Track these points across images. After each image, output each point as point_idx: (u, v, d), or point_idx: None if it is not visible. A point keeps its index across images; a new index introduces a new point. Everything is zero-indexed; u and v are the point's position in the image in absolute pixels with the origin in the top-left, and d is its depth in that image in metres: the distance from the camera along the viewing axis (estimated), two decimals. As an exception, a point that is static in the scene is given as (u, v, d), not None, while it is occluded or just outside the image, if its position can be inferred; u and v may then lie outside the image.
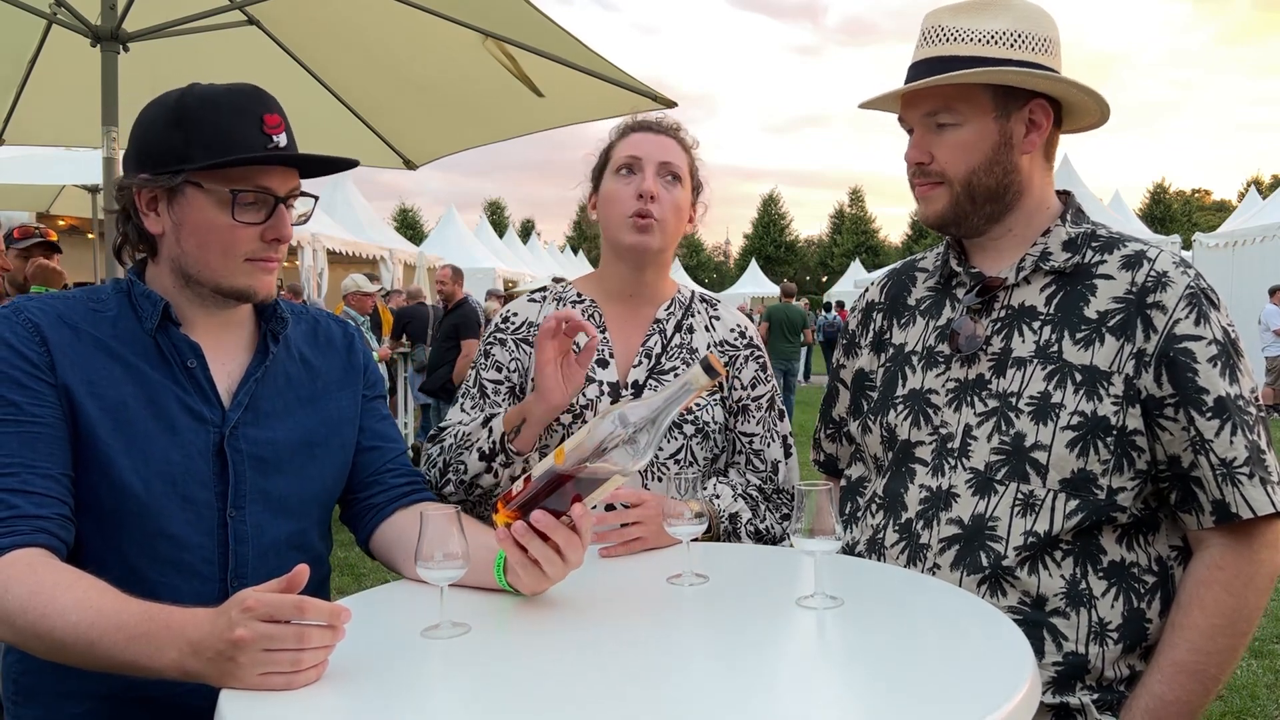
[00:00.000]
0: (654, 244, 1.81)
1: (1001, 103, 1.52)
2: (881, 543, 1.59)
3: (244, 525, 1.41)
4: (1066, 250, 1.55)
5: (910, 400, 1.61)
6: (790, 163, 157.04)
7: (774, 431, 1.90)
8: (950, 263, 1.66)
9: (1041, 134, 1.55)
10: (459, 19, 3.48)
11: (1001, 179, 1.54)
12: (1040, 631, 1.45)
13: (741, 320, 1.98)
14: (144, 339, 1.39)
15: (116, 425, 1.33)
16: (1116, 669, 1.46)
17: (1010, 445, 1.49)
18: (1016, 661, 1.10)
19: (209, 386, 1.42)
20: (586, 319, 1.87)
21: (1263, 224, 14.16)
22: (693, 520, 1.43)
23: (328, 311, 1.68)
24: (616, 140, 1.90)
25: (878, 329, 1.76)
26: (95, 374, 1.34)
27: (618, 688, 1.09)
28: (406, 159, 4.49)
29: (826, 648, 1.22)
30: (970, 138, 1.52)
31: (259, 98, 1.41)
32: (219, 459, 1.40)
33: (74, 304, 1.40)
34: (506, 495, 1.35)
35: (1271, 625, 4.66)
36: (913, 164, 1.58)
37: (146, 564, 1.35)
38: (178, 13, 3.51)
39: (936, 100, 1.53)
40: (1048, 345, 1.50)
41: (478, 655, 1.18)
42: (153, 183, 1.37)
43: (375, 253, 15.18)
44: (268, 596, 1.07)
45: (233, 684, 1.06)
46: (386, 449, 1.61)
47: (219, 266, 1.39)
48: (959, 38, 1.51)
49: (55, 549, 1.25)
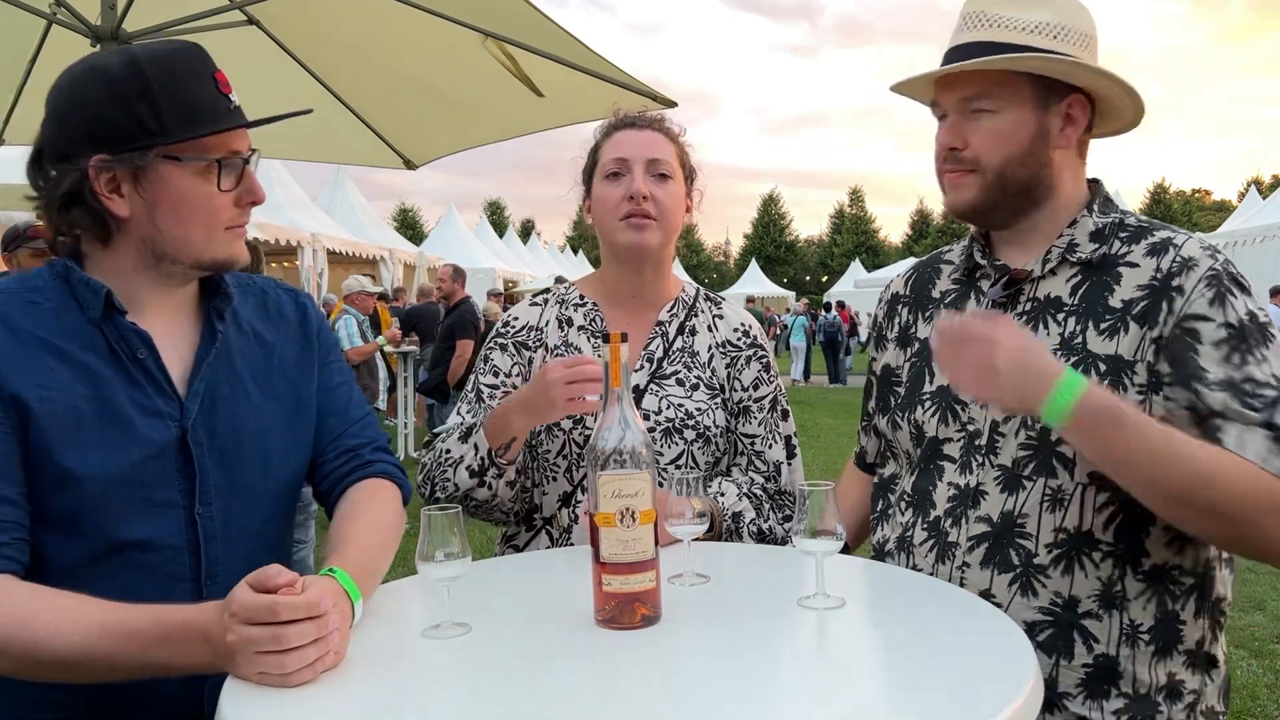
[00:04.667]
0: (652, 241, 1.80)
1: (1042, 94, 1.48)
2: (910, 541, 1.57)
3: (212, 522, 1.35)
4: (1093, 241, 1.51)
5: (938, 397, 1.58)
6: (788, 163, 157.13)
7: (776, 432, 1.89)
8: (974, 255, 1.63)
9: (1077, 130, 1.51)
10: (459, 19, 3.47)
11: (1035, 171, 1.50)
12: (1070, 633, 1.42)
13: (746, 319, 1.96)
14: (89, 330, 1.30)
15: (69, 431, 1.25)
16: (1153, 674, 1.42)
17: (1037, 440, 1.45)
18: (1019, 663, 1.10)
19: (162, 377, 1.33)
20: (588, 322, 1.87)
21: (1263, 224, 14.17)
22: (693, 520, 1.43)
23: (274, 280, 1.60)
24: (601, 141, 1.87)
25: (903, 323, 1.73)
26: (43, 378, 1.25)
27: (618, 688, 1.09)
28: (406, 159, 4.48)
29: (827, 648, 1.22)
30: (1008, 126, 1.48)
31: (203, 56, 1.34)
32: (182, 454, 1.33)
33: (10, 298, 1.29)
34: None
35: (1272, 625, 4.66)
36: (945, 149, 1.53)
37: (119, 572, 1.28)
38: (178, 13, 3.51)
39: (976, 85, 1.49)
40: (1072, 337, 1.46)
41: (478, 655, 1.18)
42: (116, 163, 1.27)
43: (375, 253, 15.18)
44: (249, 599, 1.08)
45: (242, 678, 1.09)
46: (331, 425, 1.52)
47: (200, 240, 1.33)
48: (1002, 24, 1.47)
49: (15, 572, 1.21)
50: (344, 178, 17.13)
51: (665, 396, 1.80)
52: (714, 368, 1.87)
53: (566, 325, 1.88)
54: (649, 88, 3.64)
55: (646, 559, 1.23)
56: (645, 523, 1.23)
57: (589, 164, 1.89)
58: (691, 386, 1.83)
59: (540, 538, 1.82)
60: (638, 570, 1.22)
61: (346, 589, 1.20)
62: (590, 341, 1.86)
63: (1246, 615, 4.77)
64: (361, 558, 1.29)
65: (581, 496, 1.78)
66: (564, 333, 1.87)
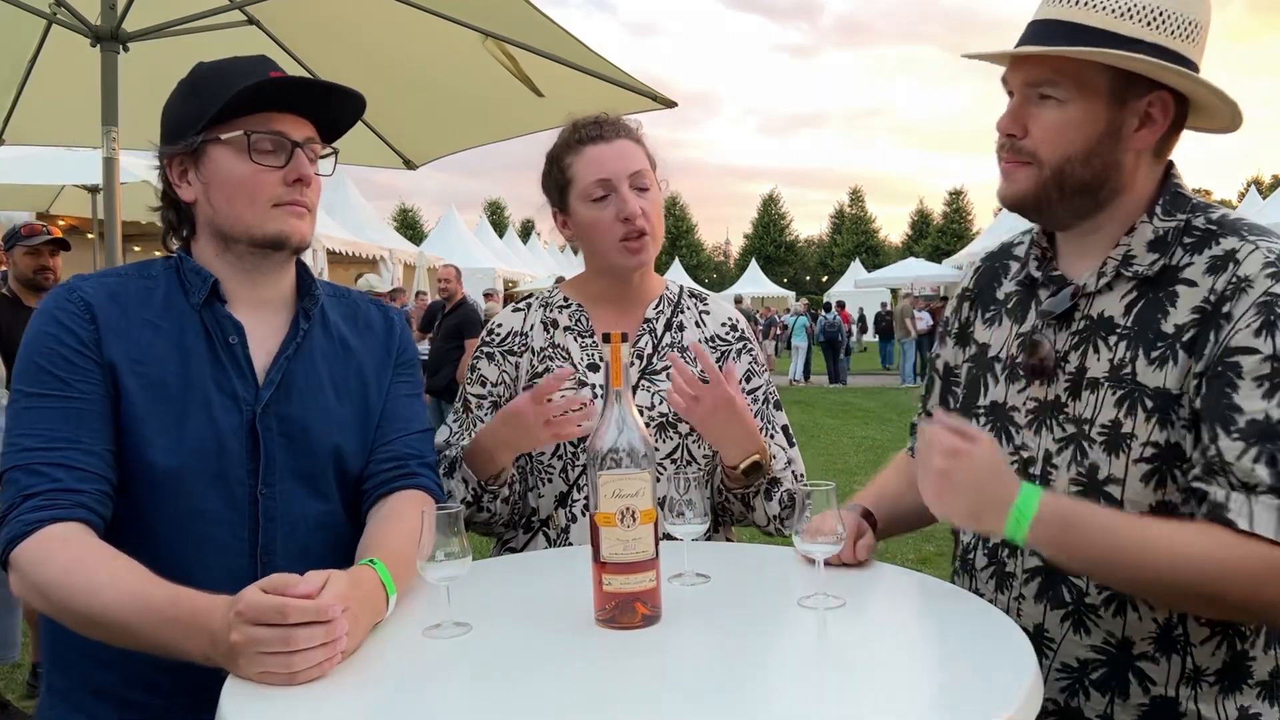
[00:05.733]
0: (649, 258, 1.82)
1: (1119, 88, 1.31)
2: (972, 564, 1.51)
3: (274, 502, 1.42)
4: (1153, 250, 1.34)
5: (992, 413, 1.49)
6: (788, 163, 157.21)
7: (773, 424, 1.89)
8: (1030, 265, 1.49)
9: (1156, 131, 1.34)
10: (459, 19, 3.47)
11: (1099, 172, 1.35)
12: (1125, 673, 1.34)
13: (732, 313, 1.97)
14: (190, 314, 1.43)
15: (154, 402, 1.36)
16: (1221, 710, 1.31)
17: (1085, 477, 1.35)
18: (1019, 664, 1.10)
19: (246, 364, 1.43)
20: (574, 323, 1.87)
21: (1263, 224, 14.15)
22: (693, 520, 1.43)
23: (368, 296, 1.69)
24: (571, 158, 1.80)
25: (964, 320, 1.62)
26: (140, 352, 1.38)
27: (619, 687, 1.09)
28: (406, 159, 4.49)
29: (827, 649, 1.22)
30: (1074, 119, 1.33)
31: (265, 61, 1.46)
32: (251, 436, 1.41)
33: (126, 281, 1.44)
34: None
35: (1272, 625, 4.64)
36: (1004, 134, 1.39)
37: (178, 540, 1.36)
38: (178, 13, 3.51)
39: (1045, 69, 1.33)
40: (1121, 365, 1.33)
41: (478, 655, 1.18)
42: (175, 150, 1.43)
43: (375, 253, 15.19)
44: (258, 600, 1.09)
45: (242, 676, 1.10)
46: (388, 429, 1.56)
47: (248, 215, 1.42)
48: (1091, 3, 1.31)
49: (93, 524, 1.28)
50: (344, 178, 17.11)
51: (657, 392, 1.80)
52: None
53: (552, 328, 1.88)
54: (648, 87, 3.64)
55: (646, 559, 1.23)
56: (645, 522, 1.23)
57: (558, 180, 1.83)
58: None
59: (538, 539, 1.82)
60: (638, 570, 1.22)
61: (384, 581, 1.26)
62: (578, 342, 1.85)
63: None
64: (401, 557, 1.31)
65: (578, 496, 1.78)
66: (550, 335, 1.87)
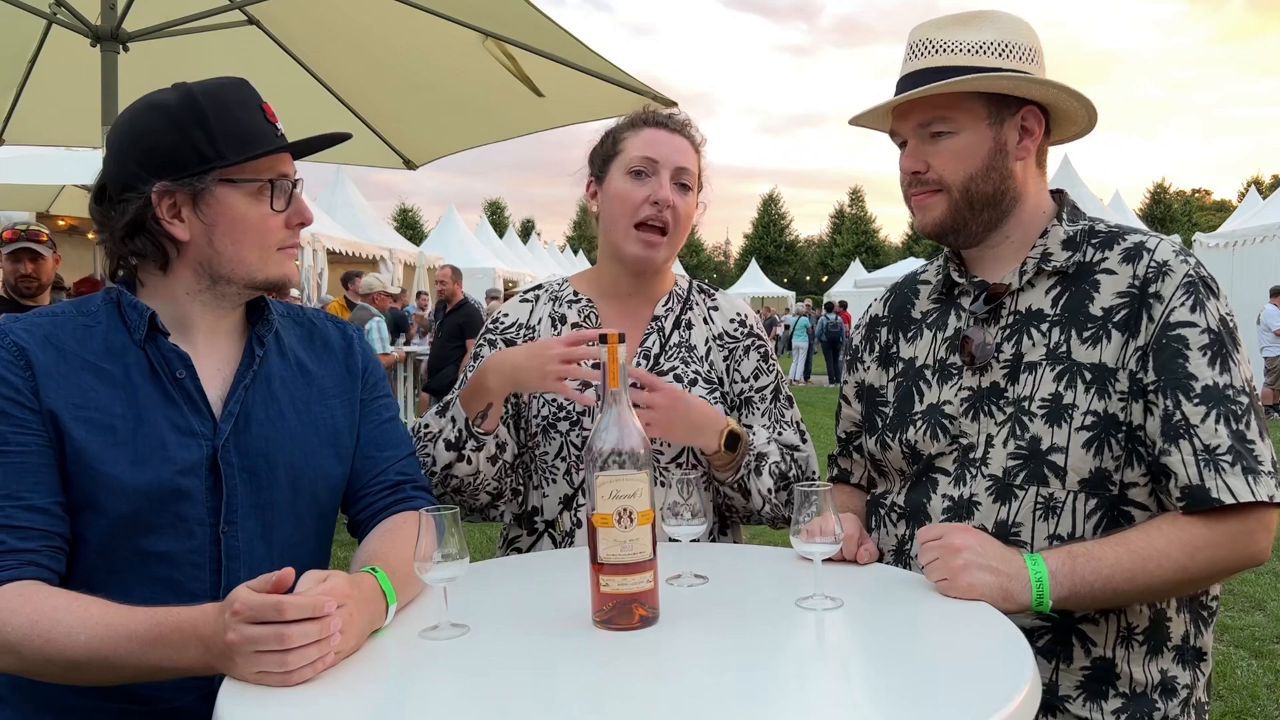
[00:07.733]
0: (659, 258, 1.80)
1: (995, 110, 1.53)
2: (908, 554, 1.59)
3: (236, 541, 1.38)
4: (1066, 249, 1.55)
5: (928, 415, 1.61)
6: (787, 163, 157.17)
7: (783, 420, 1.87)
8: (951, 274, 1.66)
9: (1034, 140, 1.56)
10: (459, 19, 3.47)
11: (998, 185, 1.55)
12: (1069, 637, 1.46)
13: (742, 308, 1.96)
14: (133, 350, 1.36)
15: (104, 447, 1.30)
16: (1147, 672, 1.46)
17: (1027, 449, 1.48)
18: (1017, 663, 1.10)
19: (199, 397, 1.38)
20: (583, 319, 1.87)
21: (1263, 224, 14.14)
22: (693, 520, 1.43)
23: (325, 313, 1.65)
24: (628, 133, 1.83)
25: (883, 343, 1.75)
26: (82, 396, 1.31)
27: (617, 688, 1.09)
28: (406, 159, 4.49)
29: (826, 649, 1.22)
30: (966, 145, 1.53)
31: (250, 88, 1.43)
32: (212, 473, 1.37)
33: (63, 321, 1.37)
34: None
35: (1272, 625, 4.66)
36: (908, 174, 1.59)
37: (138, 584, 1.32)
38: (178, 13, 3.51)
39: (930, 110, 1.54)
40: (1057, 347, 1.50)
41: (477, 656, 1.18)
42: (177, 188, 1.35)
43: (375, 253, 15.19)
44: (253, 598, 1.09)
45: (239, 678, 1.09)
46: (379, 458, 1.55)
47: (254, 260, 1.40)
48: (947, 49, 1.53)
49: (46, 579, 1.25)
50: (344, 178, 17.13)
51: None
52: (712, 361, 1.87)
53: (560, 323, 1.88)
54: (648, 87, 3.64)
55: (644, 559, 1.23)
56: (643, 523, 1.23)
57: (607, 151, 1.85)
58: (690, 382, 1.82)
59: (543, 541, 1.82)
60: (635, 571, 1.22)
61: (384, 590, 1.26)
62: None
63: (1246, 615, 4.77)
64: (402, 567, 1.30)
65: (583, 499, 1.78)
66: (557, 331, 1.86)
